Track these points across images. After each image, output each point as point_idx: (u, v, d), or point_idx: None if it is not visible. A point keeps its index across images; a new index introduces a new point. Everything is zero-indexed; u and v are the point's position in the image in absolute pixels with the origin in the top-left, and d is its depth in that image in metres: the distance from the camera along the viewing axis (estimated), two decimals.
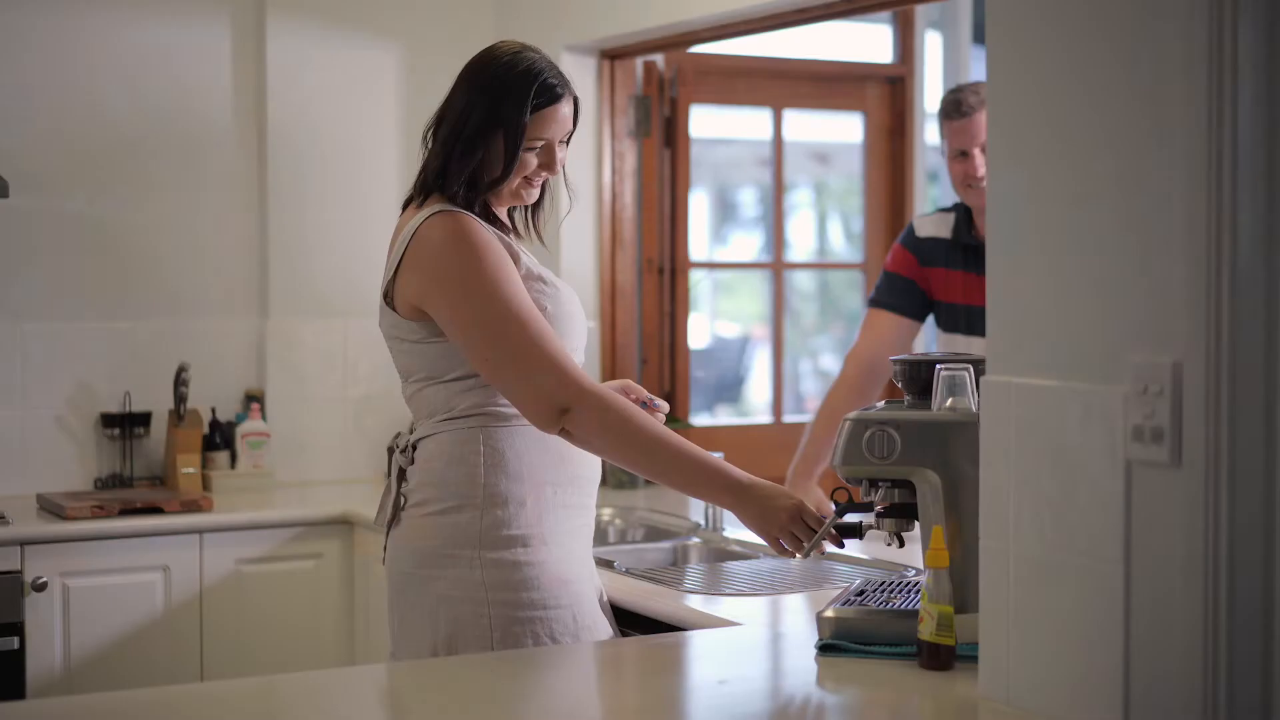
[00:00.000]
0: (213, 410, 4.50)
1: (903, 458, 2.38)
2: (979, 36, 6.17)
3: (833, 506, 2.50)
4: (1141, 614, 1.87)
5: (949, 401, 2.41)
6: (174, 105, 4.53)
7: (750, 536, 3.58)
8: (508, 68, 2.59)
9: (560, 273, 4.60)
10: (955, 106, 3.63)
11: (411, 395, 2.64)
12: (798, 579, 3.18)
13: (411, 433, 2.66)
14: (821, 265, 6.18)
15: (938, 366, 2.41)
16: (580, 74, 4.61)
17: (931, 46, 5.85)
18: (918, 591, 2.55)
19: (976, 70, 6.18)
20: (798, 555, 2.52)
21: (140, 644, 3.92)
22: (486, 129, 2.58)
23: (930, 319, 3.88)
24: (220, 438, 4.48)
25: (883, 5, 4.08)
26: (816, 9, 4.07)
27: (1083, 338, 1.94)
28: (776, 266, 5.51)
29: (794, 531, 2.49)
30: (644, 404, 2.70)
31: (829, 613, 2.40)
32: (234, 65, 4.61)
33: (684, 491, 3.32)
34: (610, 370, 4.67)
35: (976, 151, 3.63)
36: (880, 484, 2.43)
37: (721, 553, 3.59)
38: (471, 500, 2.53)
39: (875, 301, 3.89)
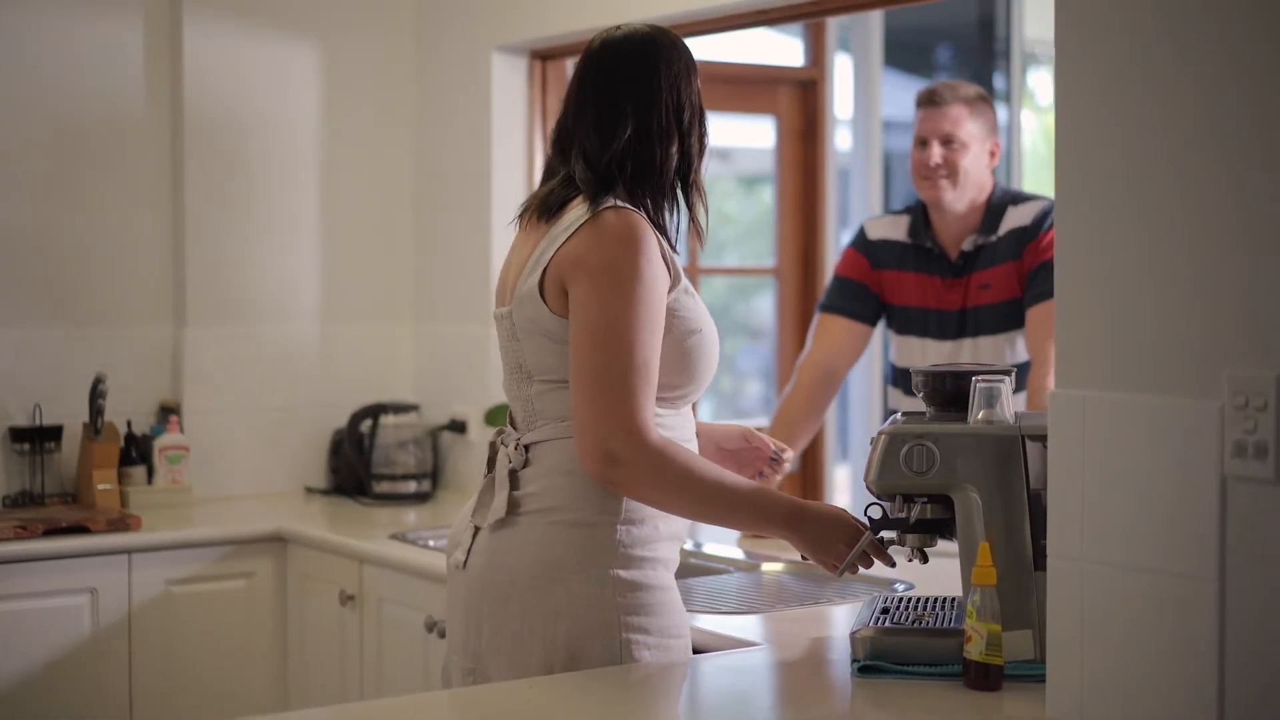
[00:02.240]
0: (128, 423, 4.30)
1: (942, 472, 2.31)
2: (890, 59, 6.17)
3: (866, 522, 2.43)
4: (1238, 634, 1.82)
5: (981, 414, 2.35)
6: (84, 103, 4.32)
7: (715, 549, 3.51)
8: (671, 44, 2.47)
9: (490, 277, 4.48)
10: (929, 97, 3.64)
11: (540, 393, 2.44)
12: (772, 595, 3.12)
13: (518, 431, 2.48)
14: (735, 271, 6.13)
15: (974, 378, 2.35)
16: (510, 75, 4.49)
17: (842, 68, 5.84)
18: (946, 608, 2.49)
19: (888, 94, 6.19)
20: (836, 574, 2.44)
21: (67, 670, 3.72)
22: (682, 111, 2.45)
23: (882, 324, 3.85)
24: (136, 452, 4.29)
25: (803, 15, 4.02)
26: (748, 14, 4.00)
27: (1167, 350, 1.89)
28: (691, 271, 5.45)
29: (848, 555, 2.41)
30: (772, 458, 2.58)
31: (864, 633, 2.33)
32: (147, 61, 4.40)
33: (734, 529, 3.30)
34: None
35: (935, 142, 3.62)
36: (916, 499, 2.36)
37: (687, 568, 3.49)
38: (609, 514, 2.38)
39: (827, 307, 3.83)
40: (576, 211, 2.41)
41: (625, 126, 2.43)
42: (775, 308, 5.64)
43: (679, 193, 2.48)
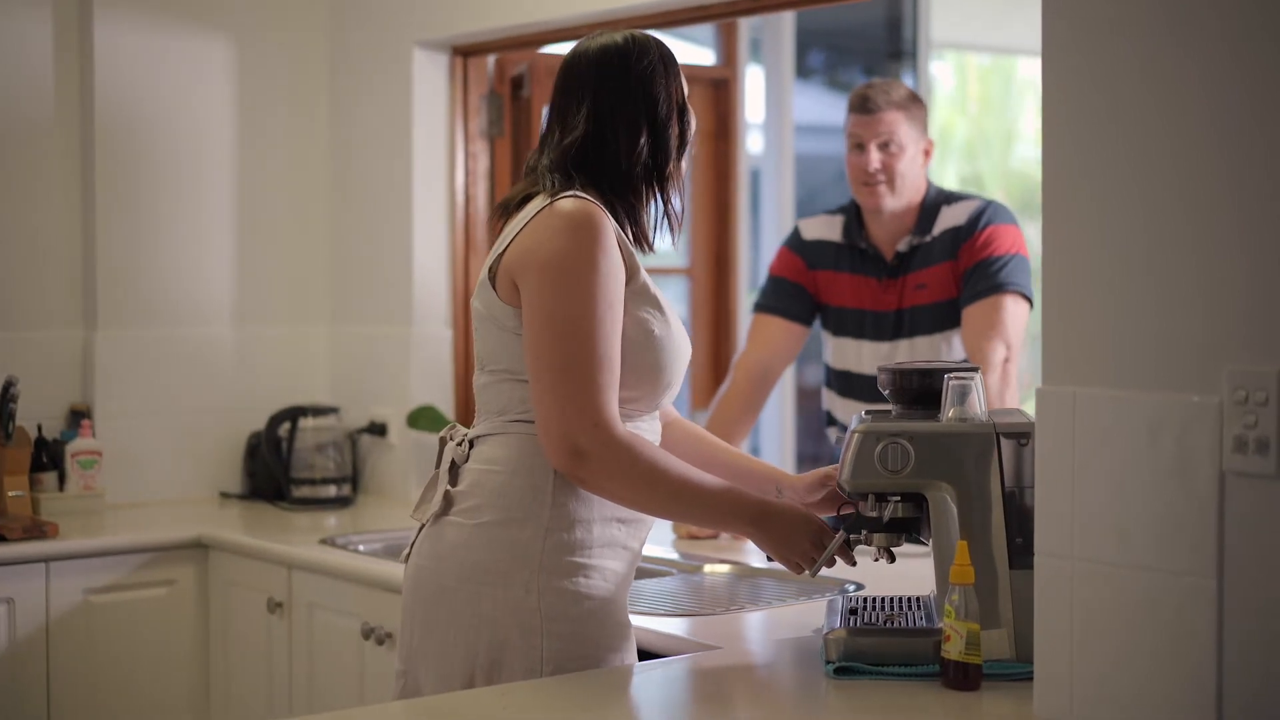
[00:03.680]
0: (39, 428, 4.17)
1: (916, 471, 2.29)
2: (801, 70, 6.18)
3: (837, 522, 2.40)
4: (1237, 631, 1.81)
5: (952, 411, 2.33)
6: None
7: (653, 551, 3.47)
8: (657, 47, 2.43)
9: (411, 277, 4.41)
10: (862, 102, 3.60)
11: (485, 385, 2.40)
12: (719, 597, 3.08)
13: (471, 426, 2.45)
14: (651, 270, 6.08)
15: (946, 375, 2.34)
16: (431, 71, 4.42)
17: (753, 79, 5.84)
18: (914, 607, 2.47)
19: (800, 105, 6.20)
20: (806, 574, 2.41)
21: None
22: (668, 112, 2.41)
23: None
24: (47, 457, 4.15)
25: (731, 13, 4.00)
26: (674, 12, 3.97)
27: (1162, 346, 1.88)
28: None
29: (814, 555, 2.38)
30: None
31: (836, 634, 2.30)
32: (56, 57, 4.27)
33: (700, 525, 3.32)
34: (463, 376, 4.49)
35: (872, 146, 3.59)
36: (889, 498, 2.34)
37: None
38: (536, 517, 2.32)
39: (763, 307, 3.81)
40: (535, 202, 2.38)
41: (586, 117, 2.39)
42: (689, 308, 5.60)
43: (653, 186, 2.43)
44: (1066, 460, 1.97)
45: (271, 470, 4.37)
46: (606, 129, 2.39)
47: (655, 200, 2.45)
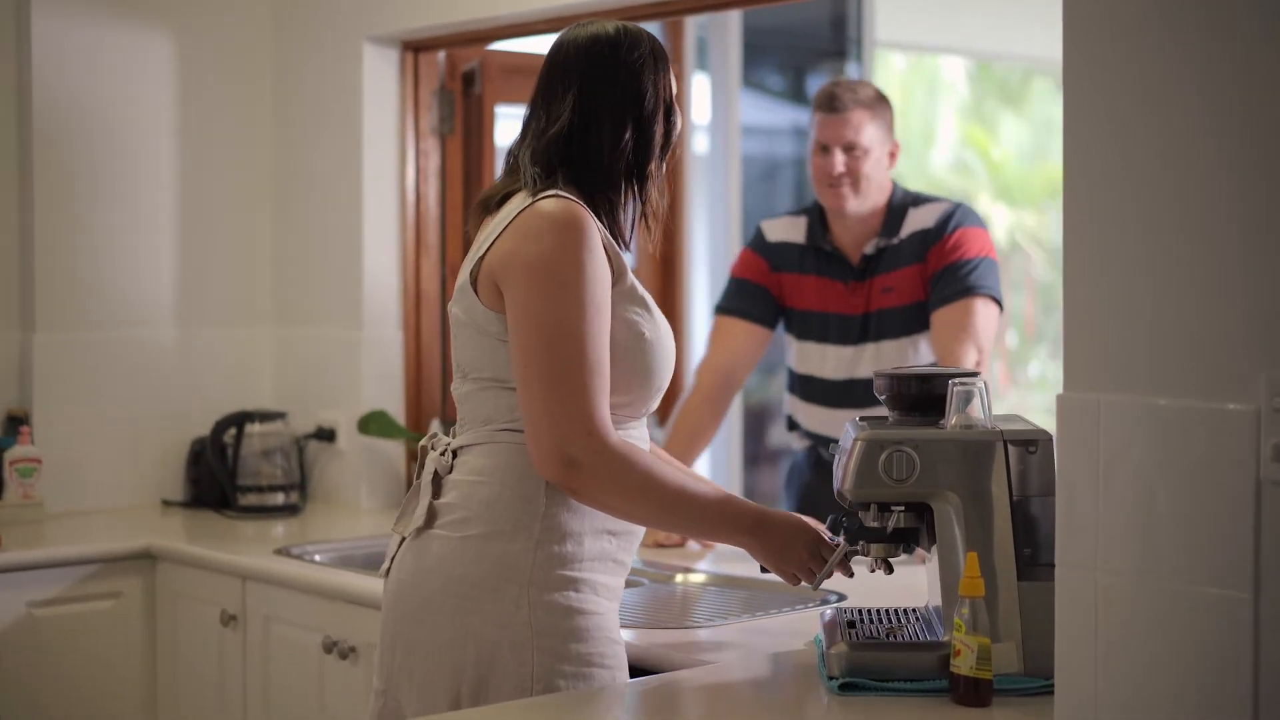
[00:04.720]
0: None
1: (922, 479, 2.22)
2: (749, 79, 6.12)
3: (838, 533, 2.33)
4: (1274, 646, 1.76)
5: (955, 418, 2.27)
6: None
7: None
8: (648, 41, 2.36)
9: (361, 278, 4.30)
10: (829, 100, 3.53)
11: (467, 394, 2.31)
12: (697, 608, 3.02)
13: (452, 435, 2.35)
14: None
15: (950, 381, 2.27)
16: (382, 66, 4.31)
17: (700, 88, 5.80)
18: (912, 620, 2.41)
19: (748, 112, 6.15)
20: (809, 585, 2.34)
21: None
22: (654, 108, 2.34)
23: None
24: None
25: (684, 11, 3.93)
26: (627, 9, 3.89)
27: (1195, 352, 1.82)
28: None
29: (811, 566, 2.31)
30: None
31: (839, 648, 2.23)
32: None
33: (695, 537, 3.21)
34: (415, 381, 4.38)
35: (837, 150, 3.53)
36: (893, 508, 2.27)
37: None
38: (526, 529, 2.23)
39: (726, 309, 3.73)
40: (516, 201, 2.29)
41: (571, 106, 2.31)
42: None
43: (632, 183, 2.35)
44: (1090, 470, 1.91)
45: (217, 477, 4.24)
46: (591, 120, 2.31)
47: (634, 198, 2.37)
